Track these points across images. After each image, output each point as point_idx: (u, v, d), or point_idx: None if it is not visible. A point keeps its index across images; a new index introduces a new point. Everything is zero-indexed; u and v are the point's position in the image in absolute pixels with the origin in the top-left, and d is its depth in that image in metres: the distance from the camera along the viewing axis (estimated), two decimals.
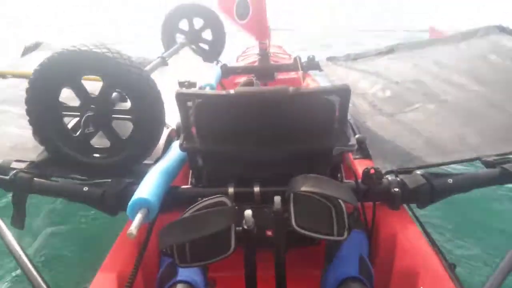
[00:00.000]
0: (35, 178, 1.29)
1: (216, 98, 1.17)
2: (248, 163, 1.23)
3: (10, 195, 1.29)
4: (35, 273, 0.97)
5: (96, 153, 1.44)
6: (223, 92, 1.13)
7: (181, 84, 2.19)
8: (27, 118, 1.38)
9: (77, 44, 1.28)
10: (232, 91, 1.11)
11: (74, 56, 1.27)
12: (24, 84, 2.14)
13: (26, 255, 1.03)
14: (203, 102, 1.18)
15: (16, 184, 1.27)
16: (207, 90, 1.36)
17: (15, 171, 1.29)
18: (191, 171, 1.41)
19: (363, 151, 1.46)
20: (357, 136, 1.47)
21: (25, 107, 1.35)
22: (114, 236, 1.22)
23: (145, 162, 1.45)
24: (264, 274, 1.00)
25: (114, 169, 1.39)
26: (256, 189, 1.18)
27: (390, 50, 2.60)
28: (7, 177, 1.27)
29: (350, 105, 1.89)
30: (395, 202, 1.19)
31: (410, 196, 1.19)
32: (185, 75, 2.36)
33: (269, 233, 1.10)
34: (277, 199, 0.95)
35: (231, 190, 1.19)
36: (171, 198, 1.22)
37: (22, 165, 1.33)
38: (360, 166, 1.34)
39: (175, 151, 1.38)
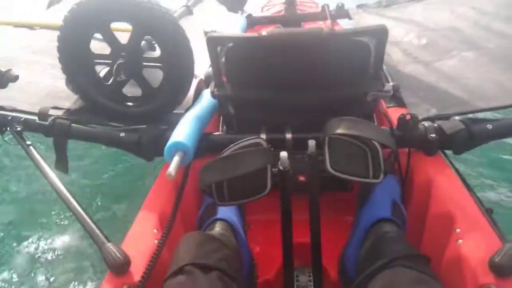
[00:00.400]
0: (73, 124, 1.33)
1: (248, 41, 1.15)
2: (280, 109, 1.22)
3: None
4: (83, 213, 1.01)
5: (129, 101, 1.47)
6: (255, 35, 1.10)
7: (207, 33, 2.15)
8: (60, 67, 1.40)
9: None
10: (264, 33, 1.08)
11: (97, 2, 1.25)
12: (53, 35, 2.17)
13: (73, 197, 1.07)
14: (234, 46, 1.16)
15: (55, 129, 1.31)
16: (238, 33, 1.33)
17: (53, 117, 1.33)
18: (221, 119, 1.42)
19: (397, 99, 1.42)
20: (391, 83, 1.43)
21: (57, 55, 1.37)
22: (152, 180, 1.26)
23: (176, 111, 1.47)
24: (299, 218, 1.02)
25: (146, 117, 1.41)
26: (289, 135, 1.17)
27: None
28: (46, 123, 1.31)
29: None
30: (431, 148, 1.17)
31: (447, 142, 1.17)
32: (210, 25, 2.32)
33: (302, 178, 1.12)
34: (312, 143, 0.94)
35: (263, 136, 1.19)
36: (205, 144, 1.24)
37: (59, 112, 1.36)
38: (394, 114, 1.30)
39: (206, 99, 1.38)
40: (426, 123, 1.20)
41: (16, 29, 2.31)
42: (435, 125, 1.19)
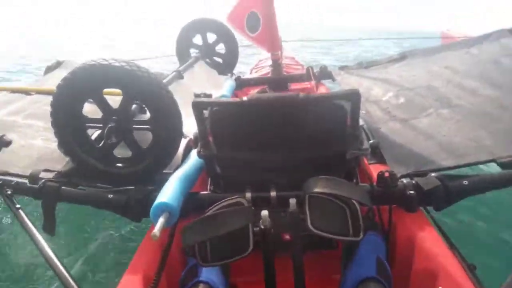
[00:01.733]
0: (62, 187, 1.35)
1: (231, 106, 1.22)
2: (263, 169, 1.27)
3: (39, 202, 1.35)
4: (67, 275, 1.02)
5: (119, 162, 1.50)
6: (237, 100, 1.18)
7: (197, 96, 2.25)
8: (52, 130, 1.45)
9: (97, 58, 1.36)
10: (245, 98, 1.15)
11: (95, 69, 1.34)
12: (47, 99, 2.25)
13: (58, 258, 1.07)
14: (218, 109, 1.23)
15: (45, 192, 1.33)
16: (222, 98, 1.41)
17: (43, 180, 1.35)
18: (209, 178, 1.45)
19: (378, 156, 1.48)
20: (371, 141, 1.49)
21: (50, 120, 1.42)
22: (138, 241, 1.26)
23: (165, 171, 1.50)
24: (284, 279, 1.02)
25: (136, 177, 1.44)
26: (273, 193, 1.21)
27: (402, 57, 2.63)
28: (37, 186, 1.33)
29: (364, 112, 1.93)
30: (411, 204, 1.20)
31: (425, 198, 1.20)
32: (200, 88, 2.44)
33: (286, 237, 1.13)
34: (293, 201, 0.98)
35: (248, 195, 1.22)
36: (191, 203, 1.27)
37: (50, 175, 1.39)
38: (375, 170, 1.35)
39: (193, 159, 1.43)
40: (405, 180, 1.25)
41: (12, 94, 2.41)
42: (413, 181, 1.23)
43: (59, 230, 1.31)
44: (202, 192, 1.37)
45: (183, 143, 1.59)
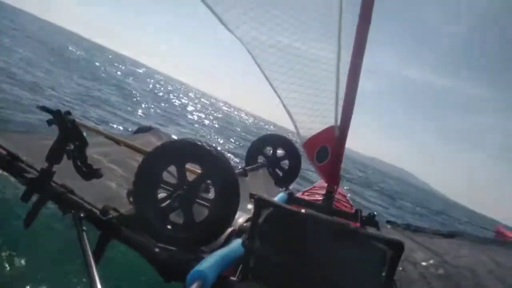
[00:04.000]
0: (122, 227, 1.53)
1: (289, 213, 1.37)
2: (293, 279, 1.34)
3: None
4: None
5: (171, 225, 1.67)
6: (296, 209, 1.34)
7: (252, 196, 2.46)
8: (126, 179, 1.69)
9: (186, 137, 1.65)
10: (303, 211, 1.31)
11: (185, 145, 1.62)
12: (131, 154, 2.59)
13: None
14: (276, 212, 1.39)
15: (108, 226, 1.52)
16: (282, 204, 1.56)
17: (111, 216, 1.55)
18: (241, 267, 1.54)
19: None
20: None
21: (135, 171, 1.67)
22: None
23: (203, 248, 1.64)
24: None
25: (178, 243, 1.58)
26: None
27: (451, 235, 2.67)
28: (104, 218, 1.53)
29: (400, 268, 1.95)
30: None
31: None
32: (256, 190, 2.66)
33: None
34: None
35: None
36: (219, 283, 1.33)
37: (115, 214, 1.59)
38: None
39: (234, 245, 1.56)
40: None
41: (106, 139, 2.80)
42: None
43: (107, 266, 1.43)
44: (232, 278, 1.45)
45: (227, 231, 1.74)
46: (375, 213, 3.06)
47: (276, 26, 2.64)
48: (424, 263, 2.08)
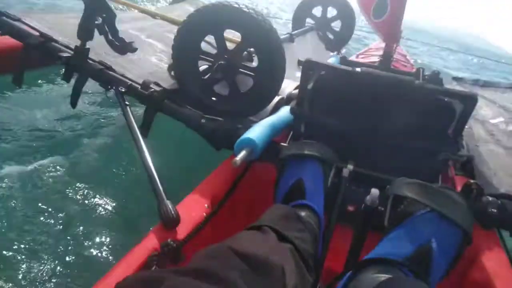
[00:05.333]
0: (166, 100, 1.50)
1: (342, 72, 1.23)
2: (348, 142, 1.27)
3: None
4: (153, 169, 1.13)
5: (215, 97, 1.62)
6: (349, 68, 1.19)
7: (300, 62, 2.29)
8: (167, 53, 1.59)
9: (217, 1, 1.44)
10: (358, 69, 1.16)
11: (221, 10, 1.43)
12: (169, 27, 2.45)
13: (150, 156, 1.20)
14: (325, 75, 1.25)
15: (151, 100, 1.49)
16: (334, 64, 1.40)
17: (152, 89, 1.51)
18: (291, 134, 1.50)
19: (468, 170, 1.40)
20: (466, 153, 1.42)
21: (172, 44, 1.56)
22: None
23: (251, 118, 1.59)
24: (341, 247, 1.03)
25: (225, 115, 1.54)
26: (350, 166, 1.21)
27: None
28: (146, 92, 1.50)
29: (467, 126, 1.81)
30: (489, 222, 1.13)
31: (505, 220, 1.13)
32: (305, 56, 2.47)
33: (350, 208, 1.15)
34: (375, 192, 0.96)
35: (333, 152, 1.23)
36: (270, 151, 1.30)
37: (157, 88, 1.55)
38: (459, 182, 1.29)
39: (283, 113, 1.49)
40: (491, 198, 1.18)
41: (140, 14, 2.66)
42: (499, 202, 1.16)
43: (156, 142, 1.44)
44: (282, 143, 1.42)
45: (275, 100, 1.66)
46: (439, 71, 2.79)
47: None
48: (493, 121, 1.91)
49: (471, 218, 0.91)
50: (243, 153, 1.12)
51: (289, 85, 1.87)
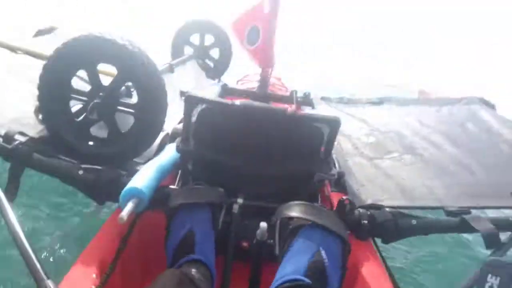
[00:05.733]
0: (34, 153, 1.35)
1: (222, 106, 1.28)
2: (235, 176, 1.33)
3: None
4: (27, 245, 0.96)
5: (93, 141, 1.51)
6: (229, 102, 1.24)
7: (182, 94, 2.30)
8: (32, 94, 1.44)
9: (94, 31, 1.36)
10: (238, 102, 1.22)
11: (93, 42, 1.35)
12: (33, 62, 2.23)
13: (20, 227, 1.02)
14: (207, 108, 1.29)
15: (16, 155, 1.32)
16: (215, 98, 1.43)
17: (17, 142, 1.34)
18: (179, 174, 1.49)
19: (341, 185, 1.58)
20: (338, 170, 1.60)
21: (37, 83, 1.42)
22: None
23: (136, 160, 1.52)
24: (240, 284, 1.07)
25: (106, 160, 1.43)
26: (240, 200, 1.26)
27: (380, 102, 2.80)
28: (9, 146, 1.32)
29: (336, 142, 2.04)
30: (363, 233, 1.29)
31: (376, 229, 1.30)
32: (187, 86, 2.49)
33: (244, 244, 1.19)
34: (263, 226, 1.04)
35: (221, 190, 1.26)
36: (159, 196, 1.26)
37: (23, 138, 1.38)
38: (335, 198, 1.45)
39: (169, 152, 1.46)
40: (361, 210, 1.35)
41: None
42: (369, 213, 1.33)
43: (22, 199, 1.27)
44: (171, 186, 1.39)
45: (160, 136, 1.61)
46: (309, 92, 3.09)
47: None
48: (356, 134, 2.18)
49: (346, 229, 1.11)
50: (129, 206, 1.06)
51: (173, 118, 1.85)
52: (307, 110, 3.34)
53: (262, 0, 2.97)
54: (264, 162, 1.28)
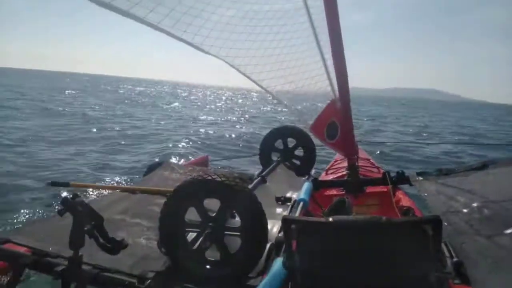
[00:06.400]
0: None
1: (316, 225, 1.35)
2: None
3: None
4: None
5: (208, 264, 1.67)
6: (322, 220, 1.31)
7: (278, 199, 2.44)
8: (153, 230, 1.68)
9: (202, 175, 1.65)
10: (330, 219, 1.28)
11: (201, 182, 1.63)
12: (151, 199, 2.58)
13: None
14: (304, 226, 1.36)
15: None
16: (309, 218, 1.54)
17: (148, 281, 1.54)
18: (290, 285, 1.52)
19: (462, 276, 1.45)
20: (454, 259, 1.48)
21: (158, 223, 1.67)
22: None
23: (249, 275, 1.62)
24: None
25: (223, 280, 1.58)
26: None
27: (483, 166, 2.59)
28: (143, 286, 1.52)
29: (445, 223, 1.90)
30: None
31: None
32: (280, 190, 2.63)
33: None
34: None
35: None
36: None
37: (153, 276, 1.57)
38: None
39: (276, 269, 1.53)
40: None
41: (121, 193, 2.81)
42: None
43: None
44: None
45: (266, 248, 1.73)
46: (403, 170, 3.01)
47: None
48: (465, 210, 2.03)
49: None
50: None
51: (274, 226, 1.97)
52: (405, 189, 3.22)
53: (331, 97, 3.17)
54: (372, 272, 1.26)
